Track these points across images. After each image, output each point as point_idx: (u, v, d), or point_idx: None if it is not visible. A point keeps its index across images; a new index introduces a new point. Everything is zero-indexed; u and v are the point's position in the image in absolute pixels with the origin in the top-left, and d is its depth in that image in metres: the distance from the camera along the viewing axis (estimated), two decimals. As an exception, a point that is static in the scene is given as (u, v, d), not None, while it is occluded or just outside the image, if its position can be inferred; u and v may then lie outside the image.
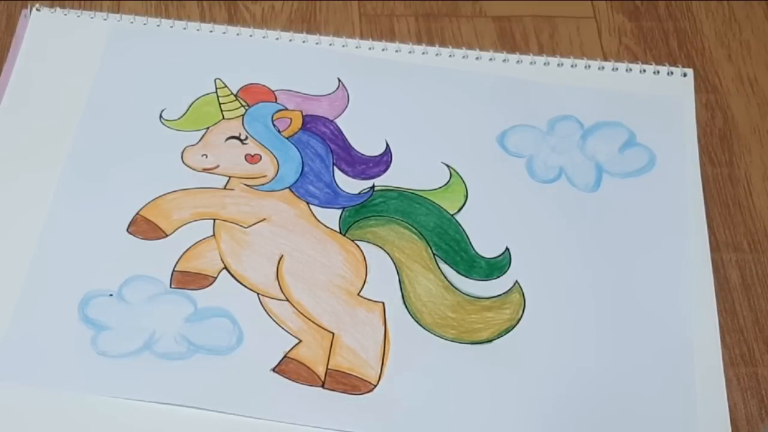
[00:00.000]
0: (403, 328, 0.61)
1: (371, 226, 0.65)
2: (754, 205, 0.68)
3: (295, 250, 0.63)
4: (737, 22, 0.77)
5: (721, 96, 0.73)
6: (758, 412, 0.60)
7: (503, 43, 0.75)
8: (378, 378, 0.59)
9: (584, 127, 0.70)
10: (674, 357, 0.61)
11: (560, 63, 0.73)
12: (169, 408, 0.58)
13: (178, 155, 0.67)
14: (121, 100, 0.69)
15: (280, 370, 0.59)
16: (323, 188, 0.66)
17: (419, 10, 0.76)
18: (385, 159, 0.68)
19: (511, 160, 0.68)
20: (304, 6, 0.76)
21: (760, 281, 0.65)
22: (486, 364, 0.60)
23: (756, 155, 0.70)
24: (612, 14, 0.77)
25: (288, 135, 0.68)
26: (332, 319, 0.61)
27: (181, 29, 0.73)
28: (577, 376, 0.60)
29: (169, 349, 0.59)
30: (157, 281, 0.62)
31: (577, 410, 0.59)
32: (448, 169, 0.68)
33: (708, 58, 0.75)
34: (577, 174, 0.68)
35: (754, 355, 0.62)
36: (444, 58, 0.73)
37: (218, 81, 0.70)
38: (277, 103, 0.70)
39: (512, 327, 0.62)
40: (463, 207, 0.66)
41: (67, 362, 0.58)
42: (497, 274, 0.64)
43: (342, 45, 0.73)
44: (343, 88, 0.71)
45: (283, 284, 0.62)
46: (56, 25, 0.73)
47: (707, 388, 0.60)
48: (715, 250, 0.66)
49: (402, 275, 0.63)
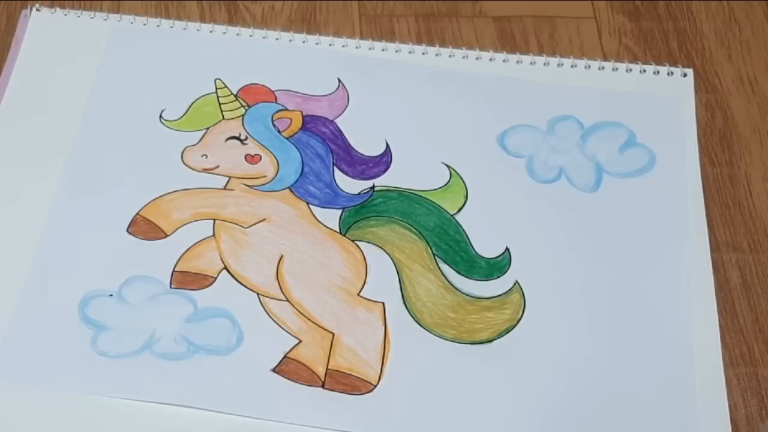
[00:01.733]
0: (403, 329, 0.61)
1: (371, 227, 0.65)
2: (754, 205, 0.68)
3: (295, 251, 0.63)
4: (737, 23, 0.77)
5: (721, 96, 0.73)
6: (758, 412, 0.60)
7: (503, 43, 0.75)
8: (378, 378, 0.59)
9: (584, 127, 0.70)
10: (674, 357, 0.61)
11: (560, 63, 0.73)
12: (168, 408, 0.58)
13: (178, 155, 0.67)
14: (121, 100, 0.69)
15: (280, 371, 0.59)
16: (323, 188, 0.66)
17: (419, 10, 0.76)
18: (385, 159, 0.68)
19: (511, 160, 0.68)
20: (304, 6, 0.76)
21: (760, 281, 0.65)
22: (486, 364, 0.60)
23: (756, 155, 0.70)
24: (612, 14, 0.77)
25: (288, 135, 0.68)
26: (332, 320, 0.61)
27: (181, 29, 0.73)
28: (576, 375, 0.60)
29: (169, 349, 0.59)
30: (157, 281, 0.62)
31: (577, 410, 0.59)
32: (448, 170, 0.68)
33: (708, 59, 0.75)
34: (577, 174, 0.68)
35: (754, 355, 0.62)
36: (444, 58, 0.73)
37: (218, 81, 0.70)
38: (277, 104, 0.70)
39: (512, 327, 0.62)
40: (463, 207, 0.66)
41: (67, 362, 0.58)
42: (497, 274, 0.64)
43: (342, 45, 0.73)
44: (343, 89, 0.71)
45: (283, 284, 0.62)
46: (56, 25, 0.73)
47: (707, 388, 0.60)
48: (715, 250, 0.66)
49: (402, 275, 0.63)
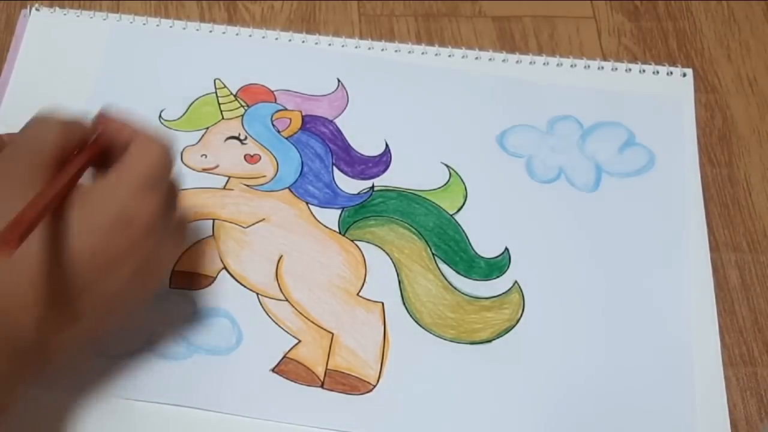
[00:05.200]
0: (402, 329, 0.61)
1: (370, 226, 0.65)
2: (754, 206, 0.68)
3: (294, 250, 0.64)
4: (736, 23, 0.77)
5: (721, 96, 0.73)
6: (757, 412, 0.60)
7: (503, 43, 0.75)
8: (377, 378, 0.59)
9: (584, 127, 0.70)
10: (673, 357, 0.61)
11: (560, 63, 0.73)
12: (168, 408, 0.58)
13: (177, 155, 0.67)
14: (120, 100, 0.69)
15: (280, 371, 0.59)
16: (323, 188, 0.66)
17: (419, 10, 0.76)
18: (384, 159, 0.68)
19: (511, 160, 0.68)
20: (303, 6, 0.76)
21: (759, 281, 0.65)
22: (485, 364, 0.60)
23: (755, 155, 0.70)
24: (611, 14, 0.77)
25: (287, 135, 0.68)
26: (331, 319, 0.61)
27: (180, 29, 0.73)
28: (576, 375, 0.60)
29: (168, 349, 0.59)
30: (156, 281, 0.62)
31: (577, 410, 0.59)
32: (448, 169, 0.68)
33: (707, 58, 0.75)
34: (577, 174, 0.68)
35: (753, 355, 0.62)
36: (443, 58, 0.73)
37: (218, 81, 0.70)
38: (276, 104, 0.70)
39: (512, 327, 0.62)
40: (462, 207, 0.66)
41: (66, 362, 0.58)
42: (496, 274, 0.64)
43: (341, 45, 0.73)
44: (342, 89, 0.71)
45: (282, 284, 0.62)
46: (56, 25, 0.73)
47: (706, 388, 0.60)
48: (715, 250, 0.66)
49: (401, 275, 0.63)
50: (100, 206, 0.50)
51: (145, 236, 0.50)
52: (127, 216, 0.50)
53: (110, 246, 0.49)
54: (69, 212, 0.49)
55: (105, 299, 0.50)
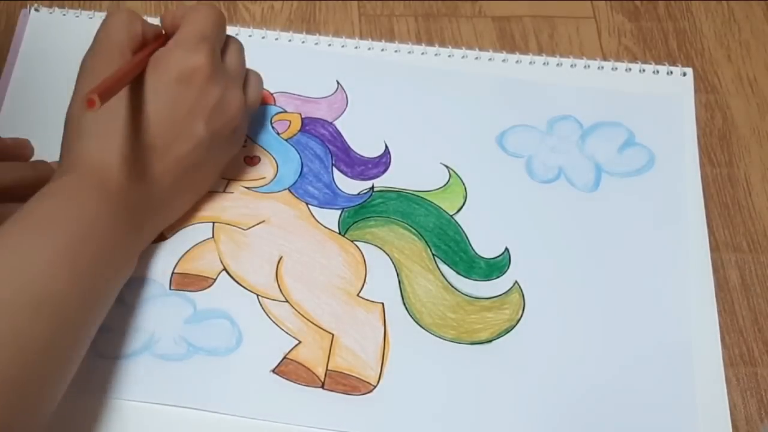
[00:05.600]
0: (402, 329, 0.61)
1: (370, 227, 0.65)
2: (754, 206, 0.68)
3: (294, 251, 0.63)
4: (737, 23, 0.77)
5: (721, 96, 0.73)
6: (758, 412, 0.60)
7: (503, 43, 0.75)
8: (377, 379, 0.59)
9: (583, 127, 0.70)
10: (674, 357, 0.61)
11: (560, 63, 0.73)
12: (168, 409, 0.58)
13: None
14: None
15: (280, 371, 0.59)
16: (322, 189, 0.66)
17: (419, 10, 0.76)
18: (384, 160, 0.68)
19: (511, 161, 0.68)
20: (303, 6, 0.76)
21: (759, 281, 0.65)
22: (485, 364, 0.60)
23: (755, 155, 0.70)
24: (611, 14, 0.77)
25: (287, 137, 0.68)
26: (332, 320, 0.61)
27: (180, 29, 0.73)
28: (576, 375, 0.60)
29: (168, 350, 0.59)
30: (156, 283, 0.62)
31: (577, 410, 0.59)
32: (448, 170, 0.68)
33: (707, 58, 0.75)
34: (577, 174, 0.68)
35: (754, 355, 0.62)
36: (443, 58, 0.73)
37: (218, 81, 0.71)
38: (275, 106, 0.70)
39: (512, 327, 0.62)
40: (462, 207, 0.66)
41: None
42: (496, 274, 0.64)
43: (341, 45, 0.73)
44: (341, 90, 0.71)
45: (282, 285, 0.62)
46: (55, 25, 0.73)
47: (707, 388, 0.60)
48: (715, 250, 0.66)
49: (401, 276, 0.63)
50: (164, 68, 0.58)
51: (207, 82, 0.59)
52: (188, 69, 0.58)
53: (179, 100, 0.58)
54: (144, 80, 0.58)
55: (183, 161, 0.59)
